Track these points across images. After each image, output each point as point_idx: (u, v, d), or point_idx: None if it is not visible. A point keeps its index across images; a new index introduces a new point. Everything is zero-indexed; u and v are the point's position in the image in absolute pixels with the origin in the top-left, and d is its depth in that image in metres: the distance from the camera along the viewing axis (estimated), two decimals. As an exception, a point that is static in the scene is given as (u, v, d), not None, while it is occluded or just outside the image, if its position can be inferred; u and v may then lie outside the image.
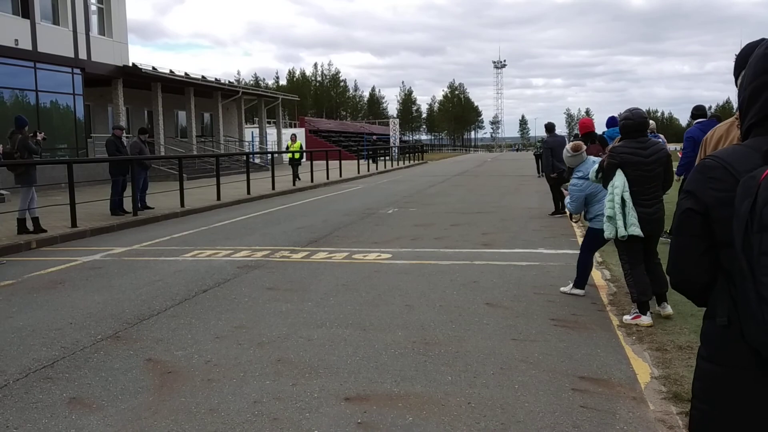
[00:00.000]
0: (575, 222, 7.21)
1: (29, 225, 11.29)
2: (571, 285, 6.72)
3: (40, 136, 11.70)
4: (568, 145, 6.88)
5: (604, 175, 5.78)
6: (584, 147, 6.80)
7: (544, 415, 3.83)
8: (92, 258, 9.42)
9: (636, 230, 5.60)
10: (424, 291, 6.94)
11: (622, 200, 5.61)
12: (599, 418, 3.78)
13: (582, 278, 6.67)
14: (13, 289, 7.46)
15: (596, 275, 7.51)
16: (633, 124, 5.71)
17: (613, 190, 5.67)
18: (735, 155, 1.59)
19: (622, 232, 5.64)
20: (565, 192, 6.77)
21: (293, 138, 27.48)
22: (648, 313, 5.62)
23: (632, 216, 5.60)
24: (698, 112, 11.10)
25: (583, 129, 11.66)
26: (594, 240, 6.58)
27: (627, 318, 5.68)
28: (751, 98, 1.60)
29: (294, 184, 22.62)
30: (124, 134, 16.12)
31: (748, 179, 1.47)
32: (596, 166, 5.93)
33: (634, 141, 5.73)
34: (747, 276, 1.43)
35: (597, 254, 8.44)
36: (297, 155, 24.99)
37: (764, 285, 1.38)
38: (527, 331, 5.46)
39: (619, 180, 5.65)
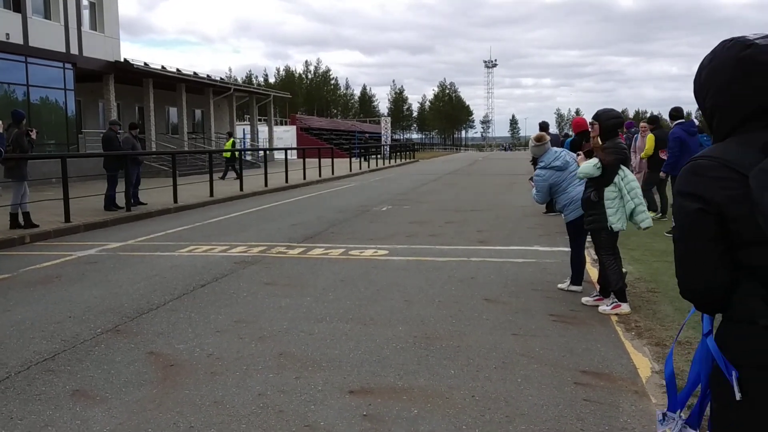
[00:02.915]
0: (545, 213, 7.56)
1: (20, 220, 11.22)
2: (569, 282, 6.77)
3: (33, 134, 11.63)
4: (533, 136, 7.12)
5: (609, 171, 5.82)
6: (548, 138, 7.02)
7: (548, 408, 3.87)
8: (87, 253, 9.38)
9: (649, 222, 5.86)
10: (422, 287, 6.96)
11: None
12: (602, 411, 3.82)
13: (577, 275, 6.73)
14: (9, 283, 7.42)
15: (593, 272, 7.55)
16: (621, 122, 6.00)
17: (629, 183, 5.84)
18: (728, 152, 1.56)
19: (646, 223, 5.84)
20: (531, 184, 7.00)
21: (227, 136, 27.36)
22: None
23: (641, 208, 5.85)
24: (677, 113, 11.58)
25: (577, 128, 11.66)
26: (576, 232, 6.68)
27: (606, 309, 5.83)
28: (734, 100, 1.59)
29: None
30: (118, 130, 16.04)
31: (760, 172, 1.44)
32: (596, 161, 5.93)
33: (618, 138, 5.96)
34: None
35: (593, 252, 8.51)
36: (227, 154, 24.56)
37: None
38: (527, 327, 5.49)
39: (631, 174, 5.87)
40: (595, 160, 5.87)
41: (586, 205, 6.04)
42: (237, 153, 23.49)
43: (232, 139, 27.34)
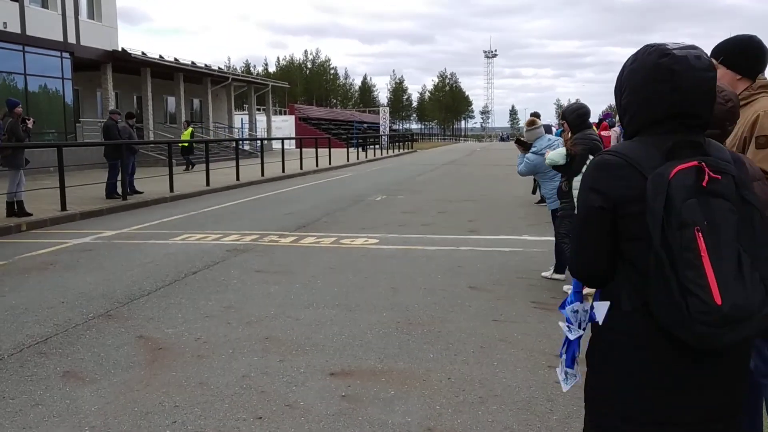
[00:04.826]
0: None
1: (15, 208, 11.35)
2: (552, 270, 6.91)
3: (29, 122, 11.72)
4: (525, 121, 7.36)
5: (577, 162, 5.94)
6: (539, 122, 7.20)
7: (520, 389, 4.02)
8: (83, 240, 9.51)
9: None
10: (409, 275, 7.10)
11: None
12: (572, 392, 3.93)
13: (561, 263, 6.87)
14: (4, 270, 7.56)
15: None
16: (589, 113, 6.22)
17: None
18: (636, 151, 1.68)
19: None
20: (519, 149, 7.13)
21: (185, 125, 26.98)
22: None
23: None
24: None
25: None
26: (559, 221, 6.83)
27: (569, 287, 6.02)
28: (646, 103, 1.71)
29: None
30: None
31: (657, 176, 1.57)
32: (562, 150, 6.09)
33: (590, 129, 6.07)
34: (667, 269, 1.53)
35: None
36: (185, 144, 24.02)
37: (687, 278, 1.50)
38: (508, 313, 5.64)
39: None
40: (563, 150, 6.05)
41: (559, 194, 6.24)
42: (194, 143, 22.95)
43: (190, 129, 26.92)
